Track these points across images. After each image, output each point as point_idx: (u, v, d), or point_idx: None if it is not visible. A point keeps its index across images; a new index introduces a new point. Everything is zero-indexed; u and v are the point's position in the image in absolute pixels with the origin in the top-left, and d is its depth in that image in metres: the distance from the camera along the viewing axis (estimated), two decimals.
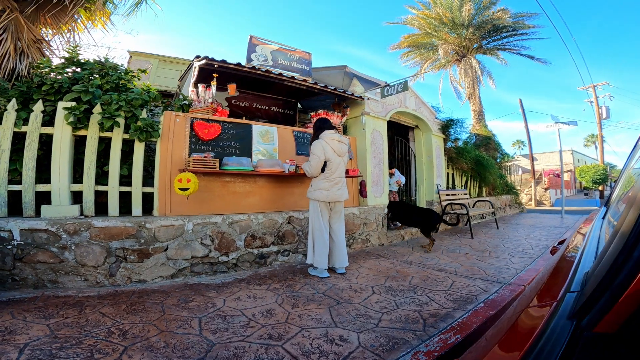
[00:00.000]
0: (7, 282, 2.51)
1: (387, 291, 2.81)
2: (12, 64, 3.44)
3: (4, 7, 3.50)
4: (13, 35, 3.51)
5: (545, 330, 0.56)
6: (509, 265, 3.81)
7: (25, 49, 3.60)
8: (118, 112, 3.14)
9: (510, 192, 11.57)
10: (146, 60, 7.40)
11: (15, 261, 2.53)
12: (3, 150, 2.83)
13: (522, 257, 4.26)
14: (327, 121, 3.50)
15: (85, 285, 2.70)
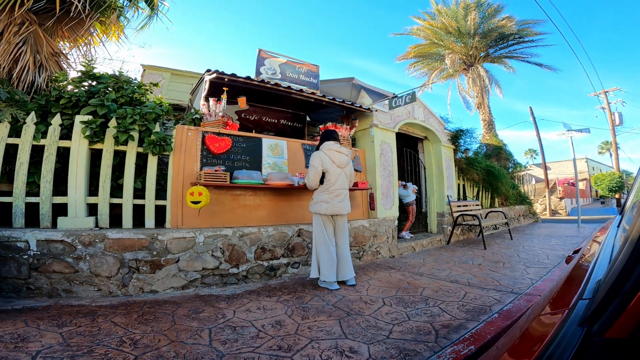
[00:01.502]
0: (22, 290, 2.58)
1: (398, 303, 2.77)
2: (31, 76, 3.55)
3: (23, 19, 3.62)
4: (32, 48, 3.62)
5: (555, 337, 0.55)
6: (524, 275, 3.72)
7: (44, 62, 3.72)
8: (132, 125, 3.24)
9: (524, 202, 11.35)
10: (159, 73, 7.63)
11: (31, 271, 2.60)
12: (22, 163, 2.94)
13: (538, 267, 4.15)
14: (331, 133, 3.51)
15: (98, 295, 2.74)
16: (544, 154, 16.41)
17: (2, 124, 2.94)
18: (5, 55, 3.39)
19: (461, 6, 13.98)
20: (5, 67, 3.41)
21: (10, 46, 3.44)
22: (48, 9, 3.82)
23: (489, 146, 12.08)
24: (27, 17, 3.64)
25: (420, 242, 5.77)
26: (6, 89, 3.11)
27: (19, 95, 3.21)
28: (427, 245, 5.92)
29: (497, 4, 13.89)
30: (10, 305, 2.40)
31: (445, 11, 14.43)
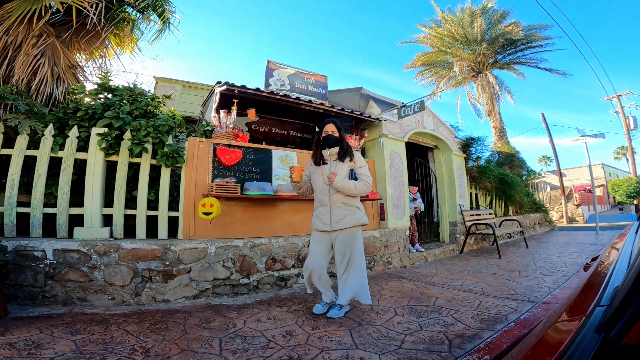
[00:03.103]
0: (38, 298, 2.64)
1: (410, 312, 2.72)
2: (49, 89, 3.66)
3: (40, 31, 3.75)
4: (50, 60, 3.74)
5: (571, 344, 0.54)
6: (541, 284, 3.61)
7: (61, 74, 3.84)
8: (146, 138, 3.32)
9: (539, 210, 11.08)
10: (171, 86, 7.85)
11: (47, 279, 2.67)
12: (40, 175, 3.04)
13: (556, 275, 4.03)
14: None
15: (112, 304, 2.79)
16: (558, 161, 16.06)
17: (21, 136, 3.05)
18: (24, 68, 3.52)
19: (467, 13, 14.01)
20: (24, 79, 3.52)
21: (29, 58, 3.57)
22: (65, 21, 4.00)
23: (501, 154, 11.91)
24: (44, 29, 3.78)
25: (433, 252, 5.67)
26: (25, 101, 3.21)
27: (37, 108, 3.32)
28: (440, 254, 5.81)
29: (503, 9, 13.92)
30: (26, 313, 2.46)
31: (451, 18, 14.44)
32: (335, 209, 2.54)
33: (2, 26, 3.46)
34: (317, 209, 2.65)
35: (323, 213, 2.57)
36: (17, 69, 3.50)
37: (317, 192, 2.66)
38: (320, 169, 2.64)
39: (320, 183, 2.62)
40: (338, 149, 2.64)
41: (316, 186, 2.67)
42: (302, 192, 2.73)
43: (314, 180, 2.69)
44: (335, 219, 2.54)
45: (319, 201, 2.63)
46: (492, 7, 13.89)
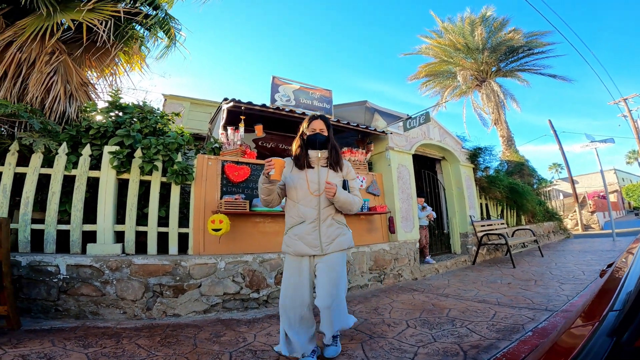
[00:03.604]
0: (51, 312, 2.69)
1: (422, 324, 2.67)
2: (62, 107, 3.75)
3: (53, 49, 3.87)
4: (63, 78, 3.84)
5: (583, 349, 0.54)
6: (558, 292, 3.51)
7: (73, 92, 3.94)
8: (156, 156, 3.40)
9: (553, 218, 10.85)
10: (179, 103, 8.04)
11: (60, 293, 2.72)
12: (54, 193, 3.13)
13: (573, 283, 3.92)
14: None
15: (123, 318, 2.80)
16: (569, 168, 15.76)
17: (36, 155, 3.15)
18: (38, 85, 3.63)
19: (467, 22, 14.08)
20: (38, 96, 3.62)
21: (42, 75, 3.68)
22: (76, 39, 4.14)
23: (510, 163, 11.77)
24: (57, 46, 3.91)
25: (444, 264, 5.57)
26: (39, 120, 3.30)
27: (51, 126, 3.41)
28: (452, 266, 5.70)
29: (502, 17, 13.91)
30: (39, 325, 2.49)
31: (451, 28, 14.52)
32: (326, 227, 1.93)
33: (16, 43, 3.58)
34: (298, 227, 1.93)
35: (309, 232, 1.91)
36: (31, 86, 3.60)
37: (299, 204, 1.95)
38: (305, 175, 1.98)
39: (305, 192, 1.94)
40: (328, 153, 2.04)
41: (297, 195, 1.96)
42: (271, 199, 1.95)
43: (295, 187, 1.97)
44: (326, 240, 1.92)
45: (301, 216, 1.94)
46: (492, 15, 13.96)
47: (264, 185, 1.88)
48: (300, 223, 1.94)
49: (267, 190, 1.91)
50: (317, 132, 2.02)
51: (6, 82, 3.55)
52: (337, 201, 1.90)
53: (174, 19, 4.86)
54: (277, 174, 1.83)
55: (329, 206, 1.97)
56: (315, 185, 1.95)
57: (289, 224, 1.99)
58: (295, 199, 1.98)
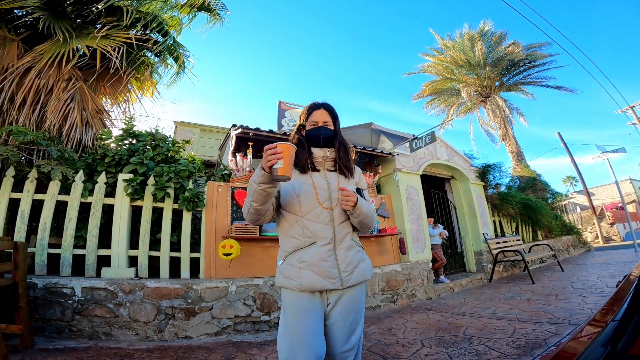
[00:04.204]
0: (65, 332, 2.74)
1: (438, 344, 2.59)
2: (79, 134, 3.91)
3: (70, 75, 4.06)
4: (79, 105, 4.01)
5: (580, 357, 0.56)
6: (581, 306, 3.39)
7: (89, 119, 4.10)
8: (168, 183, 3.51)
9: (571, 232, 10.54)
10: (189, 130, 8.30)
11: (75, 314, 2.79)
12: (70, 219, 3.25)
13: (597, 296, 3.78)
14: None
15: (135, 339, 2.82)
16: (583, 180, 15.40)
17: (54, 182, 3.29)
18: (55, 112, 3.80)
19: (466, 38, 14.31)
20: (55, 124, 3.79)
21: (60, 103, 3.85)
22: (90, 65, 4.37)
23: (521, 178, 11.61)
24: (73, 72, 4.12)
25: (459, 282, 5.43)
26: (57, 147, 3.45)
27: (68, 154, 3.56)
28: (467, 284, 5.55)
29: (500, 31, 14.11)
30: (52, 345, 2.52)
31: (452, 45, 14.74)
32: (344, 251, 1.35)
33: (35, 69, 3.79)
34: (305, 251, 1.30)
35: (322, 258, 1.29)
36: (49, 113, 3.78)
37: (304, 219, 1.34)
38: (310, 179, 1.40)
39: (313, 203, 1.35)
40: (336, 153, 1.46)
41: (302, 207, 1.35)
42: (265, 210, 1.30)
43: (298, 196, 1.37)
44: (347, 268, 1.32)
45: (309, 236, 1.32)
46: (490, 30, 14.18)
47: (260, 186, 1.18)
48: (308, 245, 1.30)
49: (263, 194, 1.20)
50: (320, 126, 1.44)
51: (25, 108, 3.72)
52: (358, 215, 1.33)
53: (182, 45, 5.13)
54: (287, 168, 1.13)
55: (345, 222, 1.38)
56: (326, 193, 1.36)
57: (288, 247, 1.33)
58: (298, 212, 1.33)
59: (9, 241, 2.48)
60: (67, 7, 4.38)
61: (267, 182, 1.16)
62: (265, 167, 1.13)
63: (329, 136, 1.44)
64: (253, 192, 1.20)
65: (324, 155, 1.43)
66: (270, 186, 1.18)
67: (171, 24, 5.25)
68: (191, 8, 5.23)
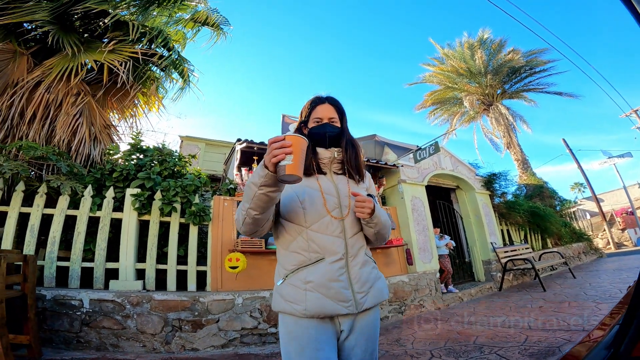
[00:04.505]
0: (72, 343, 2.76)
1: (448, 354, 2.55)
2: (87, 149, 3.97)
3: (78, 89, 4.14)
4: (87, 120, 4.07)
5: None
6: (595, 312, 3.33)
7: (97, 134, 4.16)
8: (175, 197, 3.56)
9: (581, 238, 10.37)
10: (195, 144, 8.41)
11: (83, 325, 2.81)
12: (79, 233, 3.29)
13: (611, 302, 3.72)
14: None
15: (143, 351, 2.82)
16: (591, 186, 15.16)
17: (63, 197, 3.35)
18: (65, 127, 3.87)
19: (466, 46, 14.39)
20: (64, 139, 3.86)
21: (69, 117, 3.93)
22: (98, 80, 4.46)
23: (528, 187, 11.52)
24: (81, 87, 4.21)
25: (468, 292, 5.34)
26: (66, 163, 3.51)
27: (77, 169, 3.62)
28: (476, 294, 5.45)
29: (499, 38, 14.17)
30: (59, 356, 2.53)
31: (452, 54, 14.80)
32: (358, 267, 1.12)
33: (44, 83, 3.87)
34: (311, 270, 1.08)
35: (333, 277, 1.06)
36: (58, 128, 3.85)
37: (309, 230, 1.11)
38: (317, 184, 1.18)
39: (320, 211, 1.13)
40: (344, 154, 1.24)
41: (307, 216, 1.12)
42: (265, 218, 1.06)
43: (302, 202, 1.14)
44: (361, 288, 1.09)
45: (317, 250, 1.10)
46: (489, 38, 14.27)
47: (261, 189, 0.94)
48: (315, 262, 1.07)
49: (264, 200, 0.96)
50: (325, 123, 1.22)
51: (35, 123, 3.80)
52: (375, 224, 1.11)
53: (187, 60, 5.24)
54: (297, 165, 0.89)
55: (359, 233, 1.15)
56: (335, 199, 1.13)
57: (290, 264, 1.09)
58: (302, 222, 1.10)
59: (18, 254, 2.53)
60: (75, 22, 4.50)
61: (270, 184, 0.92)
62: (269, 164, 0.89)
63: (335, 134, 1.22)
64: (252, 196, 0.96)
65: (331, 156, 1.21)
66: (273, 190, 0.94)
67: (175, 39, 5.38)
68: (195, 23, 5.37)
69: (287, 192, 1.16)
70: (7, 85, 3.81)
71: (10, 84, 3.82)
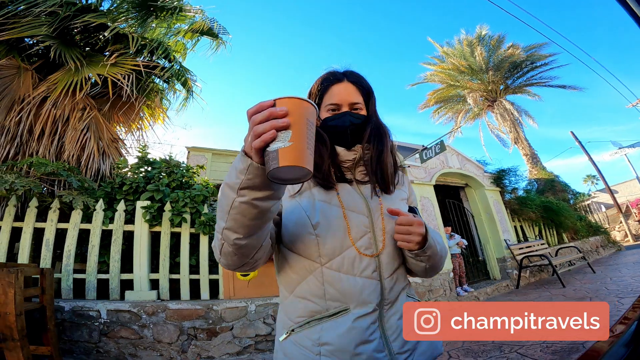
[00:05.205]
0: (92, 353, 2.80)
1: (466, 354, 2.50)
2: (96, 164, 4.00)
3: (84, 104, 4.16)
4: (95, 135, 4.10)
5: (604, 356, 0.56)
6: (618, 307, 3.26)
7: (106, 148, 4.20)
8: (184, 208, 3.59)
9: (598, 232, 10.13)
10: (201, 154, 8.46)
11: (101, 336, 2.86)
12: (93, 246, 3.35)
13: (633, 296, 3.65)
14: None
15: None
16: (604, 178, 14.81)
17: (76, 211, 3.40)
18: (73, 143, 3.91)
19: (465, 44, 14.34)
20: (74, 154, 3.89)
21: (77, 132, 3.95)
22: (103, 93, 4.48)
23: (539, 181, 11.35)
24: (87, 101, 4.23)
25: (484, 291, 5.25)
26: (77, 178, 3.55)
27: (88, 183, 3.66)
28: (492, 292, 5.35)
29: (498, 34, 14.11)
30: None
31: (451, 52, 14.76)
32: (397, 317, 0.73)
33: (50, 99, 3.90)
34: (329, 325, 0.70)
35: (364, 337, 0.68)
36: (67, 144, 3.89)
37: (325, 268, 0.72)
38: (337, 199, 0.78)
39: (342, 242, 0.73)
40: (373, 152, 0.83)
41: (323, 247, 0.72)
42: (251, 246, 0.62)
43: (314, 226, 0.73)
44: (403, 347, 0.71)
45: (335, 297, 0.71)
46: (487, 34, 14.20)
47: (242, 195, 0.56)
48: (334, 315, 0.71)
49: (249, 213, 0.57)
50: (345, 112, 0.82)
51: (44, 139, 3.85)
52: (429, 257, 0.75)
53: (188, 70, 5.27)
54: (299, 150, 0.49)
55: (399, 269, 0.79)
56: (365, 222, 0.77)
57: (297, 314, 0.74)
58: (314, 256, 0.74)
59: (35, 267, 2.60)
60: (76, 36, 4.55)
61: (258, 184, 0.54)
62: (250, 151, 0.52)
63: (357, 126, 0.82)
64: (227, 209, 0.58)
65: (356, 157, 0.83)
66: (263, 195, 0.56)
67: (176, 50, 5.43)
68: (193, 33, 5.40)
69: (291, 205, 0.77)
70: (14, 102, 3.85)
71: (17, 100, 3.87)
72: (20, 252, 3.17)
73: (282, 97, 0.51)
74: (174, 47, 5.36)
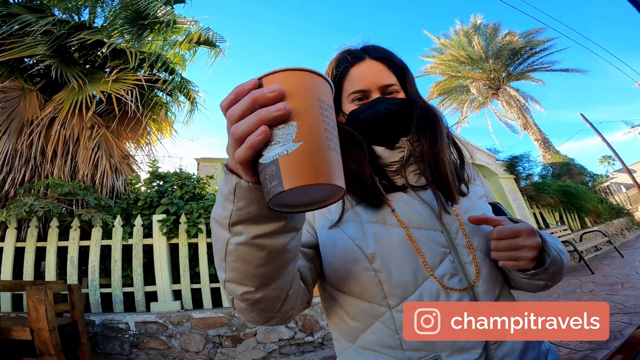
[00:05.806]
0: None
1: None
2: (110, 181, 4.06)
3: (92, 123, 4.22)
4: (106, 153, 4.16)
5: None
6: None
7: (117, 165, 4.26)
8: (199, 219, 3.62)
9: (621, 213, 9.81)
10: (211, 165, 8.54)
11: (132, 347, 2.90)
12: (116, 261, 3.42)
13: None
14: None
15: None
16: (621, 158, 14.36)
17: (96, 229, 3.47)
18: (86, 162, 3.97)
19: (461, 34, 14.25)
20: (88, 173, 3.96)
21: (88, 152, 4.02)
22: (109, 110, 4.56)
23: (554, 165, 11.09)
24: (94, 120, 4.28)
25: None
26: (93, 196, 3.63)
27: (104, 201, 3.74)
28: None
29: (494, 22, 14.04)
30: None
31: (449, 43, 14.70)
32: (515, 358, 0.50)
33: (58, 119, 3.96)
34: None
35: None
36: (80, 163, 3.97)
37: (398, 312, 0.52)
38: (394, 217, 0.56)
39: (417, 272, 0.53)
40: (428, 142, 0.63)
41: (389, 284, 0.52)
42: (267, 298, 0.43)
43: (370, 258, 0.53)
44: None
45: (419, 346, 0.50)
46: (482, 23, 14.11)
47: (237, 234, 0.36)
48: None
49: (253, 257, 0.37)
50: (376, 99, 0.62)
51: (57, 160, 3.92)
52: (555, 273, 0.53)
53: (190, 81, 5.28)
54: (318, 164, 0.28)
55: (503, 293, 0.57)
56: (441, 238, 0.56)
57: None
58: (380, 300, 0.53)
59: (62, 284, 2.66)
60: (74, 53, 4.62)
61: (254, 215, 0.35)
62: (234, 166, 0.33)
63: (401, 114, 0.63)
64: (222, 254, 0.40)
65: (404, 156, 0.63)
66: (267, 230, 0.36)
67: (175, 61, 5.50)
68: (190, 44, 5.45)
69: (331, 235, 0.58)
70: (23, 124, 3.92)
71: (26, 122, 3.94)
72: (46, 271, 3.26)
73: (272, 72, 0.31)
74: (173, 59, 5.42)
